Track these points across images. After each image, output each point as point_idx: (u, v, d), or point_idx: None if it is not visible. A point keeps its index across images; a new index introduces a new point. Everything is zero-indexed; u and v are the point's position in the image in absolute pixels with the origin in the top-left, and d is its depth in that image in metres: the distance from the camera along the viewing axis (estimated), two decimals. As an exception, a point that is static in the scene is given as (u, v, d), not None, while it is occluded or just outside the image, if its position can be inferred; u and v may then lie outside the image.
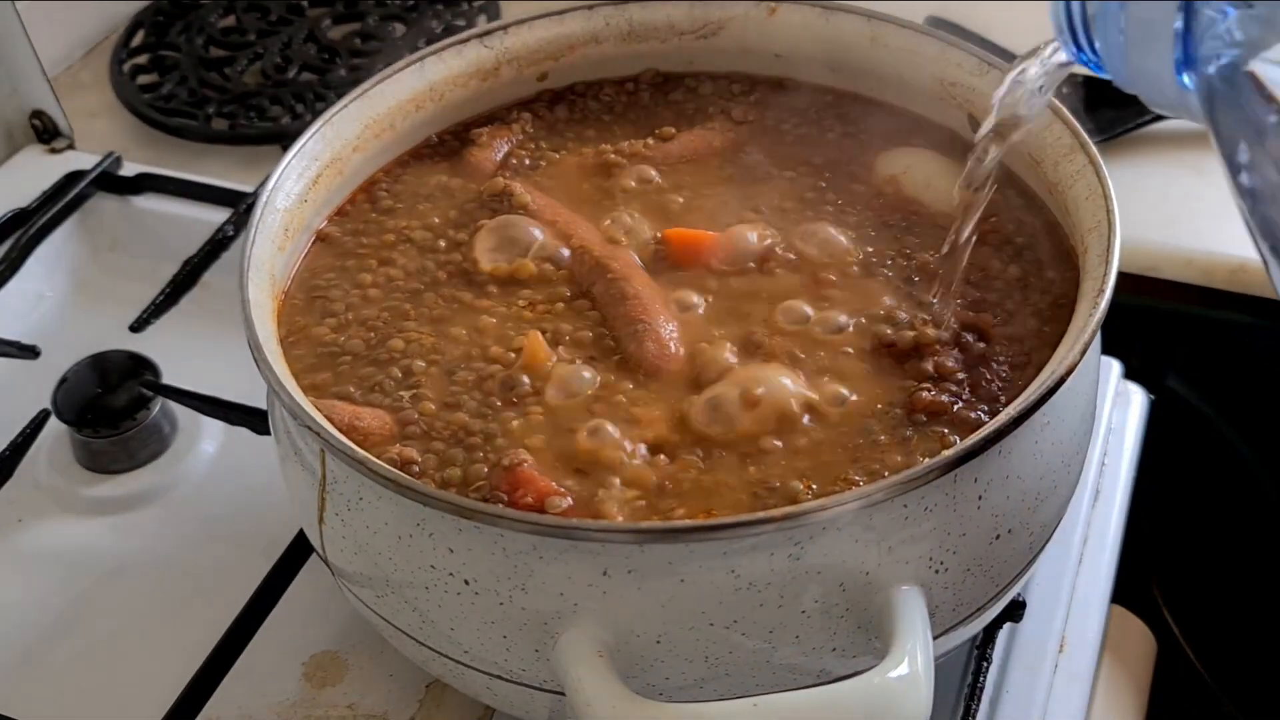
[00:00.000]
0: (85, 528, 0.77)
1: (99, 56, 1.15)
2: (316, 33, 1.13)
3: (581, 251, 0.66)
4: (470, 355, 0.62)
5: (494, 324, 0.63)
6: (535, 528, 0.51)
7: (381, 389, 0.61)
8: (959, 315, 0.61)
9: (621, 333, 0.62)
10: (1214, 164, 1.03)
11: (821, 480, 0.55)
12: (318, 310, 0.65)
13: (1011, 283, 0.63)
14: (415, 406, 0.60)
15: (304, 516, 0.61)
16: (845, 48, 0.73)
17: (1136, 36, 0.48)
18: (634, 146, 0.72)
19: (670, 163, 0.71)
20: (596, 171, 0.71)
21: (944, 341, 0.60)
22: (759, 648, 0.53)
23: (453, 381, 0.61)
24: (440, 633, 0.56)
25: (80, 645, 0.71)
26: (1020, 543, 0.57)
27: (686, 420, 0.58)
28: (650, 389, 0.60)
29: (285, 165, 0.66)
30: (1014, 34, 1.04)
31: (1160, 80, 0.48)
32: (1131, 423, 0.80)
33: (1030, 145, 0.66)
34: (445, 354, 0.62)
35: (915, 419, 0.57)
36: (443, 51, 0.72)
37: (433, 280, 0.66)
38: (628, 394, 0.59)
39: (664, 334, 0.61)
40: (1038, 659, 0.68)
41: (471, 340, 0.63)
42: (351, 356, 0.63)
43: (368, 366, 0.62)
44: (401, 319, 0.64)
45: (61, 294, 0.92)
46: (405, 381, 0.61)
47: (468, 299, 0.65)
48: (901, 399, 0.58)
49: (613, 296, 0.63)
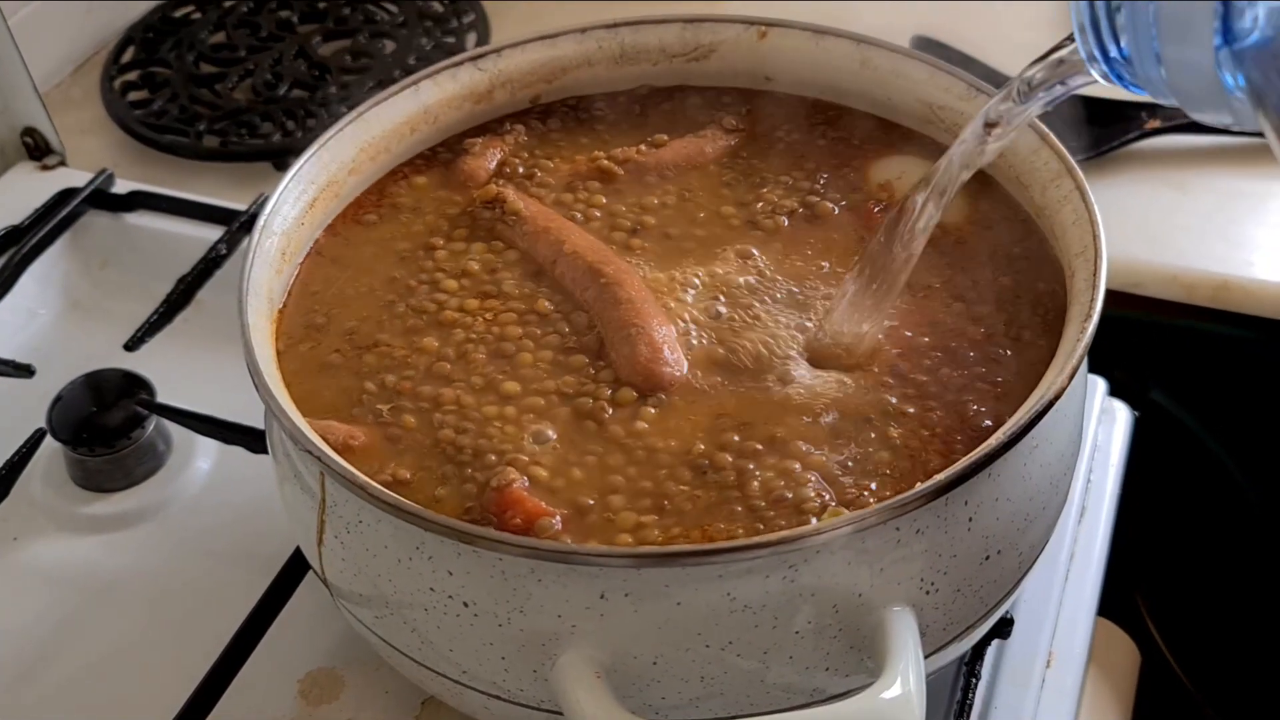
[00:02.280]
0: (80, 546, 0.77)
1: (90, 73, 1.15)
2: (307, 50, 1.14)
3: (574, 257, 0.66)
4: (451, 370, 0.62)
5: (473, 340, 0.64)
6: (534, 552, 0.51)
7: (369, 404, 0.61)
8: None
9: (613, 338, 0.62)
10: (1198, 182, 1.04)
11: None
12: (307, 322, 0.65)
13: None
14: (398, 421, 0.60)
15: (303, 537, 0.62)
16: (835, 71, 0.73)
17: (1170, 25, 0.46)
18: (627, 153, 0.73)
19: (663, 169, 0.72)
20: (590, 177, 0.72)
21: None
22: (753, 668, 0.54)
23: (438, 395, 0.61)
24: (439, 653, 0.57)
25: (76, 664, 0.71)
26: (1009, 563, 0.58)
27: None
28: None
29: (282, 189, 0.66)
30: (1002, 54, 1.06)
31: (1198, 70, 0.45)
32: (1117, 440, 0.81)
33: (1018, 169, 0.67)
34: (430, 367, 0.63)
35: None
36: (437, 74, 0.73)
37: (429, 292, 0.66)
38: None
39: (657, 338, 0.62)
40: (1026, 674, 0.69)
41: (452, 353, 0.63)
42: (339, 370, 0.63)
43: (355, 380, 0.63)
44: (389, 332, 0.65)
45: (55, 312, 0.92)
46: (393, 397, 0.62)
47: (453, 315, 0.65)
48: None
49: (606, 301, 0.63)
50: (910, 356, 0.62)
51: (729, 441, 0.58)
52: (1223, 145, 1.01)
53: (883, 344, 0.62)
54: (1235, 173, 1.00)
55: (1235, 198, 0.98)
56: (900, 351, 0.62)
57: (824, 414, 0.59)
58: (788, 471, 0.57)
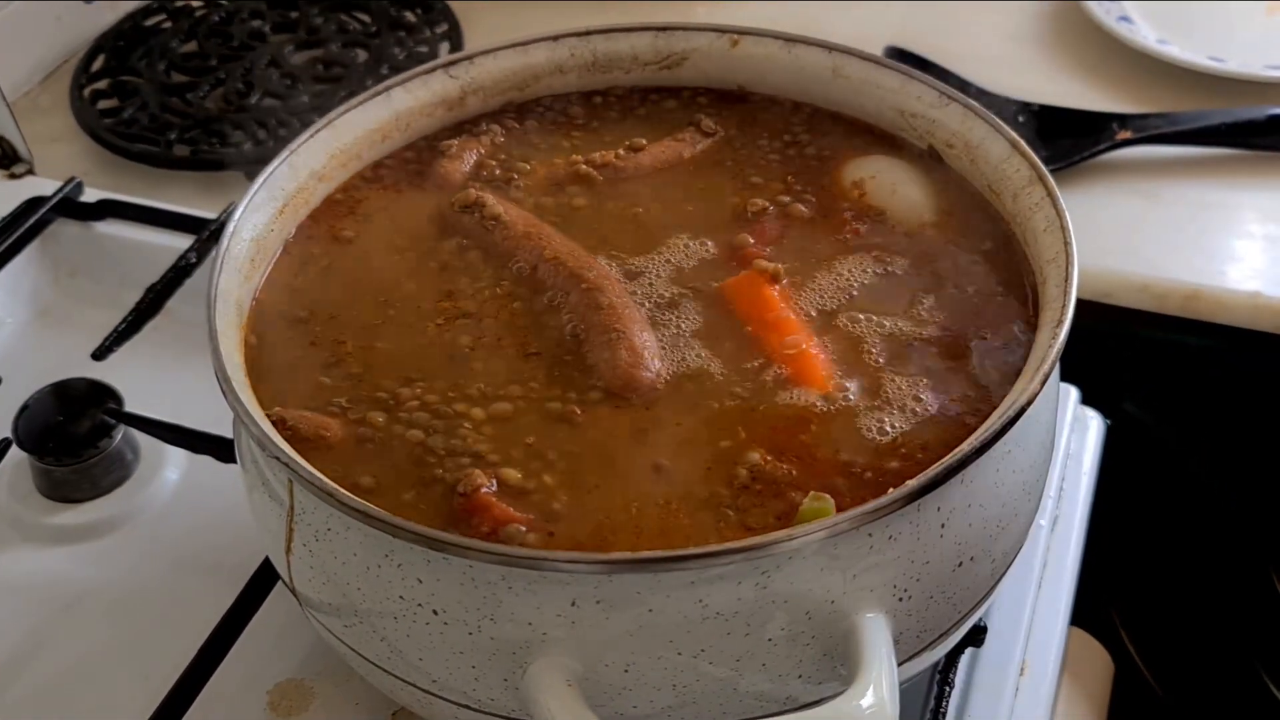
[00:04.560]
0: (46, 557, 0.77)
1: (59, 81, 1.14)
2: (279, 59, 1.13)
3: (555, 262, 0.66)
4: (423, 372, 0.62)
5: (445, 342, 0.63)
6: (504, 559, 0.51)
7: (337, 399, 0.61)
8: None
9: (593, 342, 0.62)
10: (1169, 192, 1.05)
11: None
12: (275, 319, 0.65)
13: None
14: (367, 419, 0.60)
15: (271, 546, 0.61)
16: (808, 79, 0.74)
17: None
18: (605, 157, 0.72)
19: (642, 173, 0.72)
20: (569, 181, 0.72)
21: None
22: (726, 676, 0.53)
23: (408, 396, 0.61)
24: (408, 662, 0.56)
25: (41, 677, 0.71)
26: (982, 570, 0.58)
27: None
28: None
29: (252, 195, 0.66)
30: (974, 65, 1.06)
31: None
32: (1089, 448, 0.82)
33: (989, 176, 0.67)
34: (402, 368, 0.62)
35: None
36: (409, 82, 0.73)
37: (405, 293, 0.66)
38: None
39: (638, 343, 0.61)
40: (999, 683, 0.69)
41: (424, 351, 0.63)
42: (305, 367, 0.63)
43: (323, 377, 0.62)
44: (362, 330, 0.64)
45: (22, 321, 0.91)
46: (361, 390, 0.61)
47: (427, 311, 0.65)
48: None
49: (586, 306, 0.63)
50: (885, 361, 0.62)
51: (706, 444, 0.58)
52: (1194, 156, 1.02)
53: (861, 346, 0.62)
54: (1206, 183, 1.00)
55: (1206, 208, 0.99)
56: (874, 355, 0.62)
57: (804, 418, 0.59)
58: (758, 466, 0.57)
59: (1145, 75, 1.09)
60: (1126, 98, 1.08)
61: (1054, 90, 1.07)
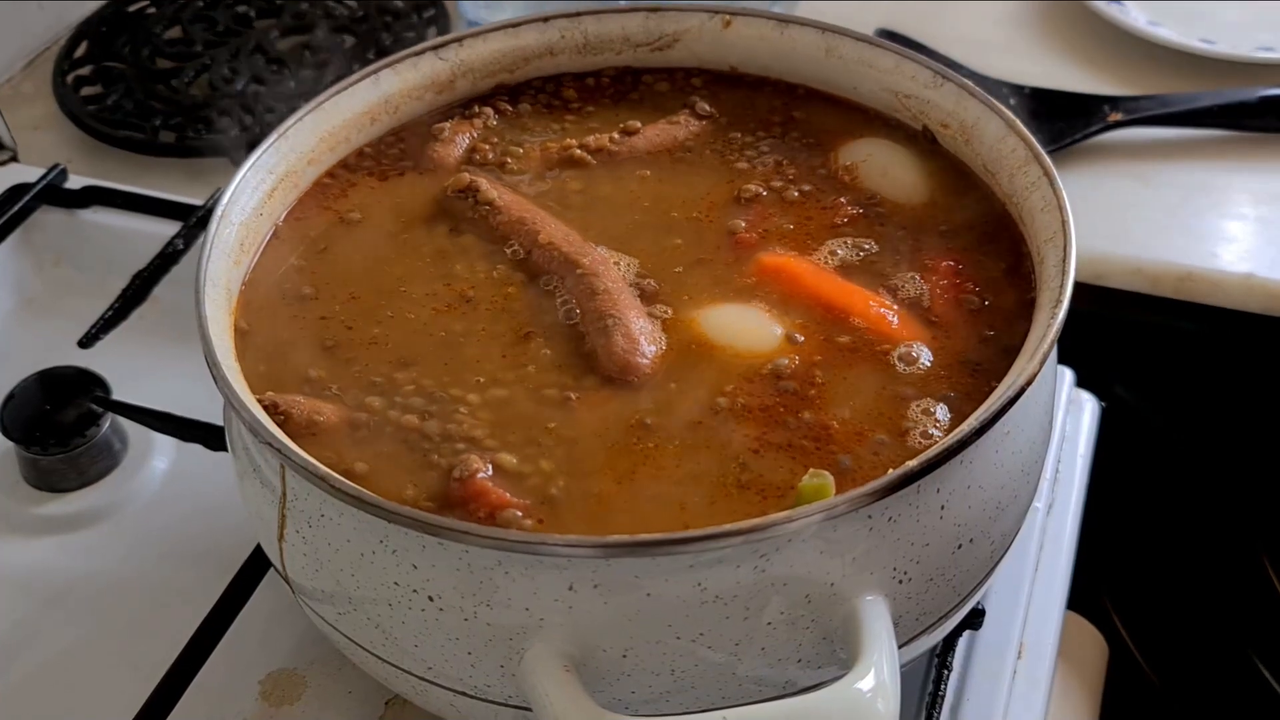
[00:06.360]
0: (34, 547, 0.76)
1: (42, 67, 1.13)
2: (264, 44, 1.12)
3: (550, 248, 0.65)
4: (418, 356, 0.61)
5: (440, 326, 0.63)
6: (500, 543, 0.50)
7: (330, 385, 0.60)
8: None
9: (590, 328, 0.62)
10: (1161, 174, 1.05)
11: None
12: (265, 304, 0.64)
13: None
14: (360, 403, 0.59)
15: (263, 533, 0.60)
16: (801, 60, 0.73)
17: None
18: (600, 140, 0.72)
19: (636, 156, 0.71)
20: (563, 165, 0.71)
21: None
22: (725, 660, 0.53)
23: (404, 380, 0.60)
24: (403, 649, 0.56)
25: (30, 668, 0.70)
26: (981, 552, 0.57)
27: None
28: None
29: (240, 178, 0.65)
30: (965, 49, 1.06)
31: None
32: (1084, 431, 0.81)
33: (984, 157, 0.67)
34: (396, 352, 0.62)
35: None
36: (398, 64, 0.72)
37: (398, 276, 0.65)
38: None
39: (634, 329, 0.61)
40: (998, 666, 0.69)
41: (419, 336, 0.62)
42: (297, 352, 0.62)
43: (316, 362, 0.61)
44: (356, 314, 0.64)
45: (7, 309, 0.90)
46: (355, 375, 0.60)
47: (422, 295, 0.64)
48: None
49: (582, 292, 0.63)
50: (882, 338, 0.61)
51: (703, 429, 0.58)
52: (1185, 138, 1.01)
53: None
54: (1198, 165, 1.00)
55: (1198, 190, 0.98)
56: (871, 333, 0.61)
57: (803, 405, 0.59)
58: (755, 451, 0.56)
59: (1136, 57, 1.09)
60: (1118, 80, 1.07)
61: (1045, 73, 1.07)
